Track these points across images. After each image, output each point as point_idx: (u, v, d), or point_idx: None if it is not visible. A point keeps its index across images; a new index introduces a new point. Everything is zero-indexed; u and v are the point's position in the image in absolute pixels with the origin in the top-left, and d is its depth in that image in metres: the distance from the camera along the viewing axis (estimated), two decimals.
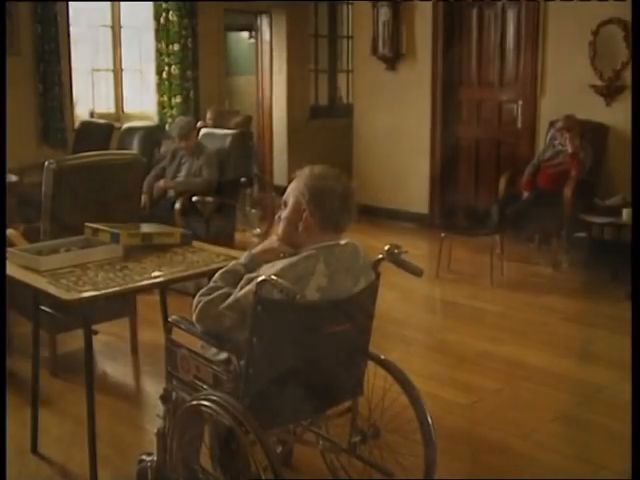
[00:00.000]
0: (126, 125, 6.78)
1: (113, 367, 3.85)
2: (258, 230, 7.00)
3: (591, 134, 5.70)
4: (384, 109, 7.51)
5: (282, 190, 2.33)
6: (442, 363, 3.85)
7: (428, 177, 7.27)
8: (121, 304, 3.74)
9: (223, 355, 2.16)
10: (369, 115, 7.68)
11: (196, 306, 2.14)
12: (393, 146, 7.48)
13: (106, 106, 7.86)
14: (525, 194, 5.69)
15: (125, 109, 7.97)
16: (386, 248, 2.23)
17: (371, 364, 2.35)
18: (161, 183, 5.50)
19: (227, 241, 5.22)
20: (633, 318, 2.32)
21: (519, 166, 6.28)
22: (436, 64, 7.05)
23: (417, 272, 2.27)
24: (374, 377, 2.36)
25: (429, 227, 7.03)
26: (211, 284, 2.19)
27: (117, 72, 7.86)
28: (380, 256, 2.23)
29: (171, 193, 5.49)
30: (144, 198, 5.40)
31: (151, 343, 4.02)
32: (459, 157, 7.15)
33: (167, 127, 7.44)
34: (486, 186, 6.85)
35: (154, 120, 7.79)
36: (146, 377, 3.79)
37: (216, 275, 2.22)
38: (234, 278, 2.16)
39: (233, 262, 2.27)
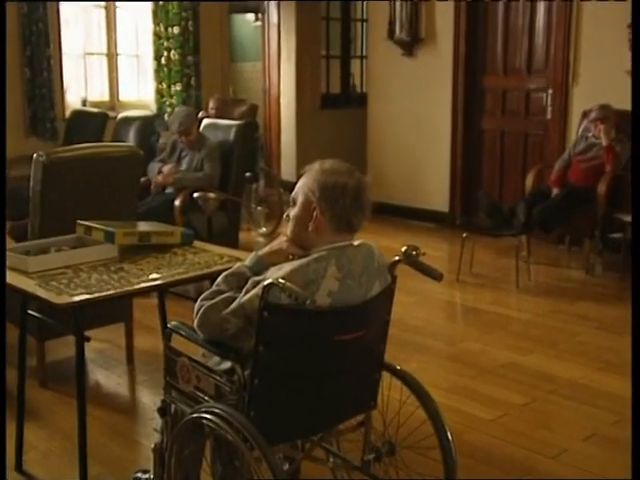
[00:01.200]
0: (122, 114, 6.81)
1: (107, 377, 3.87)
2: (264, 229, 7.02)
3: (628, 125, 5.67)
4: (401, 98, 7.51)
5: (290, 186, 2.34)
6: (463, 374, 3.85)
7: (448, 172, 7.27)
8: (116, 309, 3.76)
9: (226, 364, 2.17)
10: (384, 105, 7.69)
11: (197, 311, 2.15)
12: (411, 139, 7.48)
13: (100, 94, 7.89)
14: (555, 191, 5.68)
15: (120, 97, 8.00)
16: (403, 249, 2.24)
17: (386, 375, 2.36)
18: (159, 178, 5.53)
19: (231, 241, 5.24)
20: (633, 318, 2.35)
21: (548, 160, 6.28)
22: (458, 49, 7.05)
23: (436, 275, 2.28)
24: (389, 389, 2.37)
25: (449, 227, 7.03)
26: (214, 287, 2.20)
27: (112, 57, 7.89)
28: (396, 258, 2.24)
29: (170, 189, 5.52)
30: (156, 180, 5.46)
31: (148, 351, 4.04)
32: (482, 151, 7.15)
33: (166, 117, 7.46)
34: (512, 182, 6.84)
35: (152, 109, 7.83)
36: (142, 388, 3.81)
37: (219, 278, 2.23)
38: (239, 281, 2.17)
39: (238, 264, 2.28)
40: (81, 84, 7.71)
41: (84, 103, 7.58)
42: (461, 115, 7.14)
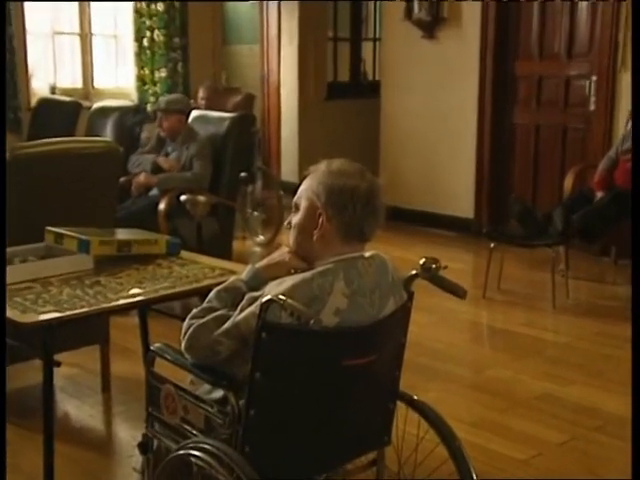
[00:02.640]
0: (97, 104, 6.83)
1: (78, 408, 3.88)
2: (262, 238, 7.04)
3: None
4: (420, 87, 7.53)
5: (292, 189, 2.37)
6: (491, 407, 3.86)
7: (474, 173, 7.29)
8: (91, 329, 3.77)
9: (218, 393, 2.20)
10: (400, 95, 7.71)
11: (185, 331, 2.18)
12: (430, 134, 7.50)
13: (71, 80, 7.93)
14: (599, 194, 5.68)
15: (95, 84, 8.04)
16: (421, 262, 2.26)
17: (401, 406, 2.38)
18: (141, 178, 5.55)
19: (223, 251, 5.26)
20: (633, 323, 2.39)
21: (591, 159, 6.29)
22: (486, 30, 7.07)
23: (459, 292, 2.29)
24: (405, 422, 2.38)
25: (475, 236, 7.03)
26: (204, 304, 2.23)
27: (85, 37, 7.93)
28: (413, 272, 2.26)
29: (154, 191, 5.54)
30: (138, 180, 5.50)
31: (127, 377, 4.06)
32: (514, 148, 7.17)
33: (149, 107, 7.50)
34: (548, 184, 6.85)
35: (132, 99, 7.86)
36: (120, 420, 3.82)
37: (211, 294, 2.26)
38: (233, 298, 2.20)
39: (232, 278, 2.31)
40: (49, 68, 7.74)
41: (53, 90, 7.61)
42: (489, 107, 7.16)
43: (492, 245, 5.51)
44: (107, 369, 4.00)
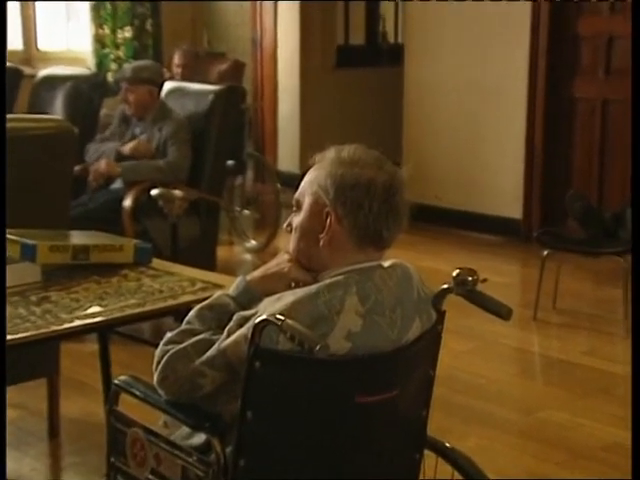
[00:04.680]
0: (43, 72, 6.83)
1: (18, 460, 3.85)
2: (254, 243, 7.07)
3: None
4: (453, 52, 7.54)
5: (292, 181, 2.39)
6: (545, 458, 3.87)
7: (523, 162, 7.29)
8: (37, 358, 3.78)
9: (199, 438, 2.22)
10: (429, 62, 7.72)
11: (159, 360, 2.19)
12: (467, 113, 7.51)
13: (9, 41, 7.92)
14: None
15: (40, 46, 8.02)
16: (454, 274, 2.27)
17: (430, 456, 2.39)
18: (102, 166, 5.55)
19: (206, 259, 5.28)
20: (633, 326, 2.44)
21: None
22: None
23: (503, 312, 2.30)
24: (434, 476, 2.40)
25: (523, 241, 7.04)
26: (183, 326, 2.25)
27: None
28: (445, 286, 2.27)
29: (118, 183, 5.55)
30: (97, 169, 5.52)
31: (82, 419, 4.06)
32: (574, 130, 7.17)
33: (109, 76, 7.51)
34: (617, 176, 6.85)
35: (88, 65, 7.85)
36: (72, 474, 3.82)
37: (190, 313, 2.27)
38: (219, 318, 2.22)
39: (217, 293, 2.33)
40: None
41: None
42: (542, 77, 7.17)
43: (545, 253, 5.51)
44: (56, 409, 4.00)
